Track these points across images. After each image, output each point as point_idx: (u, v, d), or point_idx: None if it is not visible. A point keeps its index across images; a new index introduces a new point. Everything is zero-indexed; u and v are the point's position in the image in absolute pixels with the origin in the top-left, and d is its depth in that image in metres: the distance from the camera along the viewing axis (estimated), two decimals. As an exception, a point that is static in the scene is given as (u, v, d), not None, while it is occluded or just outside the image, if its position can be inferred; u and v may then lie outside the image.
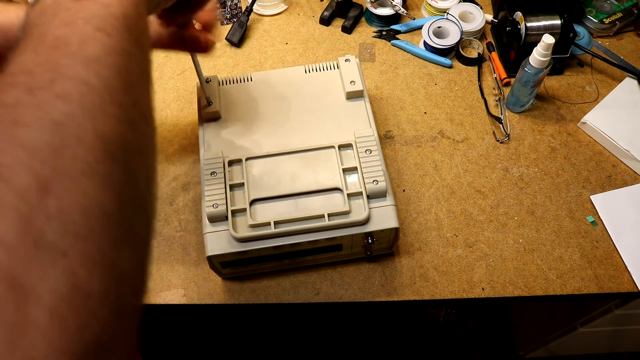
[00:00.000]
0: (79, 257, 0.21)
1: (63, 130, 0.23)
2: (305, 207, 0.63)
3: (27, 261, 0.20)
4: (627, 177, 0.79)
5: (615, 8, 0.93)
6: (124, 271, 0.24)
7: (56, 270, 0.20)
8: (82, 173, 0.23)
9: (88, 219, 0.22)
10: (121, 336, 0.23)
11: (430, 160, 0.81)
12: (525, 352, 1.38)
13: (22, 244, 0.20)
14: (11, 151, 0.22)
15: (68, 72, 0.25)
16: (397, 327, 1.49)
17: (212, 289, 0.71)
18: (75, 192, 0.22)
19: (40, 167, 0.22)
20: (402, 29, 0.95)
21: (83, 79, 0.25)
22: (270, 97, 0.73)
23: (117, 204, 0.24)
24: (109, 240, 0.23)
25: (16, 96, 0.24)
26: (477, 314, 1.51)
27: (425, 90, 0.88)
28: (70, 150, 0.23)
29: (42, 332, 0.19)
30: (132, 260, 0.25)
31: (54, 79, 0.25)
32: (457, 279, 0.71)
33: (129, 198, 0.25)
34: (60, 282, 0.20)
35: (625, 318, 0.97)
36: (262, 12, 0.98)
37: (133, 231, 0.25)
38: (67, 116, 0.24)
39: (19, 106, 0.23)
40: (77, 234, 0.22)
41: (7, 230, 0.20)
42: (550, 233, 0.75)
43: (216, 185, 0.63)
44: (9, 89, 0.24)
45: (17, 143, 0.22)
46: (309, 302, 0.70)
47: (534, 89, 0.80)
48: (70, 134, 0.23)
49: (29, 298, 0.19)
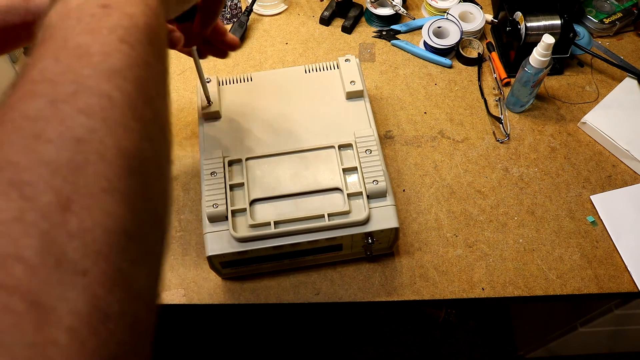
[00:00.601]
0: (98, 276, 0.21)
1: (85, 146, 0.23)
2: (305, 207, 0.63)
3: (48, 281, 0.20)
4: (627, 177, 0.79)
5: (615, 8, 0.93)
6: (141, 289, 0.24)
7: (76, 290, 0.20)
8: (103, 190, 0.23)
9: (108, 237, 0.22)
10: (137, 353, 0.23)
11: (430, 160, 0.81)
12: (525, 352, 1.38)
13: (44, 263, 0.20)
14: (34, 168, 0.22)
15: (91, 85, 0.25)
16: (397, 327, 1.49)
17: (212, 289, 0.71)
18: (95, 210, 0.22)
19: (62, 184, 0.22)
20: (402, 29, 0.95)
21: (105, 92, 0.25)
22: (270, 97, 0.73)
23: (136, 222, 0.24)
24: (127, 259, 0.23)
25: (38, 108, 0.24)
26: (477, 314, 1.51)
27: (425, 90, 0.88)
28: (91, 167, 0.23)
29: (61, 352, 0.19)
30: (148, 277, 0.25)
31: (76, 92, 0.24)
32: (457, 279, 0.71)
33: (147, 215, 0.26)
34: (80, 302, 0.20)
35: (625, 318, 0.97)
36: (262, 12, 0.98)
37: (149, 248, 0.25)
38: (89, 132, 0.24)
39: (41, 119, 0.23)
40: (97, 253, 0.22)
41: (29, 248, 0.20)
42: (550, 233, 0.75)
43: (216, 185, 0.63)
44: (30, 100, 0.24)
45: (40, 160, 0.22)
46: (309, 302, 0.70)
47: (534, 89, 0.80)
48: (92, 151, 0.23)
49: (50, 318, 0.19)
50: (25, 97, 0.24)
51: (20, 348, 0.18)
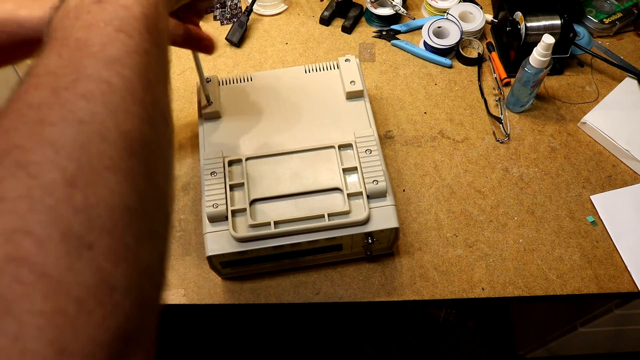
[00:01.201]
0: (104, 250, 0.22)
1: (87, 127, 0.24)
2: (305, 207, 0.63)
3: (55, 253, 0.20)
4: (627, 177, 0.79)
5: (615, 8, 0.93)
6: (146, 265, 0.24)
7: (82, 262, 0.21)
8: (106, 168, 0.24)
9: (112, 213, 0.23)
10: (143, 328, 0.24)
11: (430, 160, 0.81)
12: (525, 352, 1.38)
13: (51, 237, 0.21)
14: (39, 149, 0.22)
15: (90, 73, 0.26)
16: (397, 327, 1.49)
17: (212, 289, 0.71)
18: (100, 186, 0.23)
19: (66, 163, 0.23)
20: (402, 29, 0.95)
21: (105, 79, 0.26)
22: (270, 97, 0.73)
23: (139, 200, 0.25)
24: (132, 235, 0.24)
25: (41, 96, 0.24)
26: (477, 314, 1.51)
27: (425, 90, 0.88)
28: (94, 146, 0.24)
29: (69, 321, 0.20)
30: (153, 254, 0.26)
31: (77, 80, 0.25)
32: (457, 279, 0.71)
33: (150, 194, 0.26)
34: (87, 274, 0.21)
35: (625, 318, 0.97)
36: (262, 12, 0.98)
37: (154, 227, 0.26)
38: (91, 115, 0.25)
39: (44, 106, 0.24)
40: (102, 228, 0.22)
41: (36, 223, 0.21)
42: (550, 233, 0.75)
43: (216, 185, 0.63)
44: (33, 90, 0.25)
45: (44, 141, 0.23)
46: (309, 302, 0.70)
47: (534, 89, 0.80)
48: (94, 132, 0.24)
49: (58, 288, 0.20)
50: (30, 89, 0.25)
51: (30, 316, 0.19)
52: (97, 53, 0.27)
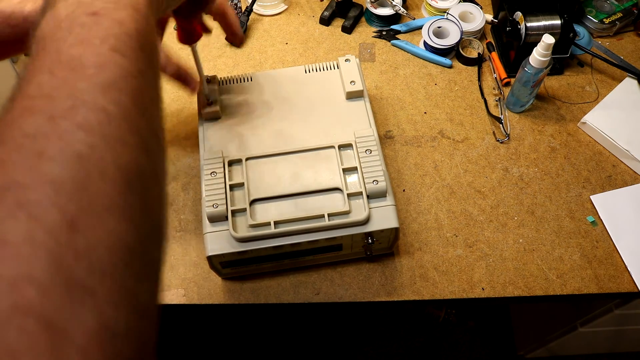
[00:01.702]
0: (105, 294, 0.22)
1: (86, 163, 0.24)
2: (306, 207, 0.63)
3: (59, 302, 0.20)
4: (627, 177, 0.79)
5: (615, 8, 0.93)
6: (145, 304, 0.24)
7: (85, 309, 0.21)
8: (105, 208, 0.23)
9: (112, 255, 0.23)
10: None
11: (430, 160, 0.81)
12: (525, 352, 1.38)
13: (55, 284, 0.20)
14: (39, 187, 0.22)
15: (87, 99, 0.25)
16: (397, 327, 1.49)
17: (212, 289, 0.71)
18: (99, 228, 0.23)
19: (66, 203, 0.22)
20: (402, 29, 0.95)
21: (102, 106, 0.25)
22: (270, 97, 0.73)
23: (137, 236, 0.25)
24: (131, 275, 0.24)
25: (37, 124, 0.24)
26: (477, 314, 1.51)
27: (425, 90, 0.88)
28: (93, 184, 0.23)
29: None
30: (150, 291, 0.25)
31: (73, 107, 0.25)
32: (457, 279, 0.71)
33: (147, 228, 0.26)
34: (90, 321, 0.21)
35: (625, 318, 0.97)
36: (262, 12, 0.98)
37: (151, 262, 0.26)
38: (90, 148, 0.24)
39: (42, 136, 0.23)
40: (103, 272, 0.22)
41: (40, 269, 0.20)
42: (550, 233, 0.75)
43: (216, 185, 0.63)
44: (28, 116, 0.24)
45: (44, 178, 0.22)
46: (309, 302, 0.70)
47: (534, 89, 0.80)
48: (93, 168, 0.24)
49: (63, 339, 0.20)
50: (24, 114, 0.24)
51: None
52: (92, 76, 0.26)
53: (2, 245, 0.20)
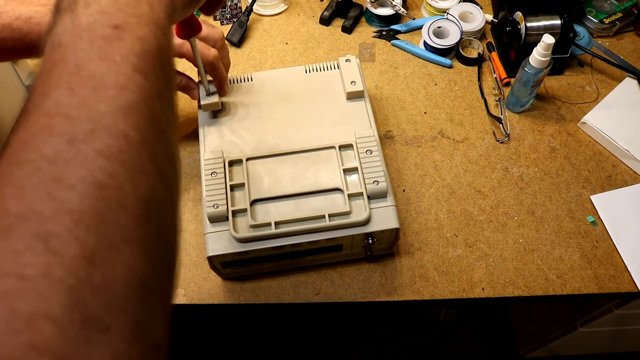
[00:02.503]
0: (120, 330, 0.22)
1: (106, 193, 0.23)
2: (306, 207, 0.63)
3: (75, 339, 0.20)
4: (627, 177, 0.79)
5: (615, 8, 0.93)
6: (157, 339, 0.24)
7: (100, 347, 0.21)
8: (123, 241, 0.23)
9: (128, 291, 0.23)
10: None
11: (430, 160, 0.81)
12: (525, 352, 1.38)
13: (71, 321, 0.20)
14: (57, 217, 0.22)
15: (108, 124, 0.25)
16: (397, 327, 1.49)
17: (212, 289, 0.71)
18: (117, 262, 0.23)
19: (85, 235, 0.22)
20: (402, 29, 0.95)
21: (123, 132, 0.25)
22: (270, 97, 0.73)
23: (152, 270, 0.24)
24: (145, 310, 0.23)
25: (57, 148, 0.23)
26: (477, 314, 1.51)
27: (425, 90, 0.88)
28: (112, 216, 0.23)
29: None
30: (162, 324, 0.25)
31: (94, 131, 0.24)
32: (457, 279, 0.71)
33: (161, 261, 0.26)
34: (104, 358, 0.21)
35: (625, 318, 0.97)
36: (262, 12, 0.98)
37: (163, 293, 0.26)
38: (110, 177, 0.24)
39: (61, 161, 0.23)
40: (119, 307, 0.22)
41: (57, 306, 0.20)
42: (550, 233, 0.75)
43: (217, 186, 0.63)
44: (47, 137, 0.24)
45: (63, 208, 0.22)
46: (309, 302, 0.70)
47: (534, 89, 0.80)
48: (112, 198, 0.23)
49: None
50: (42, 133, 0.24)
51: None
52: (114, 98, 0.25)
53: (20, 279, 0.20)
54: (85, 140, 0.24)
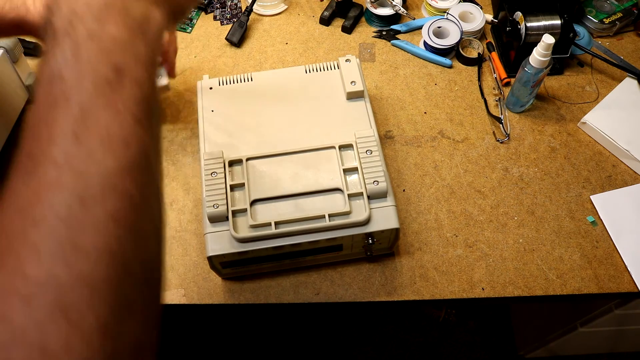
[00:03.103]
0: None
1: (116, 261, 0.24)
2: (306, 207, 0.63)
3: None
4: (627, 177, 0.79)
5: (615, 8, 0.93)
6: None
7: None
8: (128, 309, 0.24)
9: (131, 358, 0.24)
10: None
11: (430, 160, 0.81)
12: (525, 352, 1.38)
13: None
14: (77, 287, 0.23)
15: (116, 184, 0.25)
16: (397, 327, 1.49)
17: (212, 289, 0.71)
18: (125, 332, 0.24)
19: (100, 306, 0.23)
20: (402, 29, 0.95)
21: (128, 192, 0.25)
22: (270, 97, 0.73)
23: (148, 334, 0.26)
24: None
25: (69, 206, 0.24)
26: (477, 314, 1.51)
27: (425, 90, 0.88)
28: (121, 283, 0.24)
29: None
30: None
31: (104, 190, 0.25)
32: (457, 279, 0.71)
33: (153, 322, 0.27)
34: None
35: (625, 318, 0.97)
36: (262, 12, 0.98)
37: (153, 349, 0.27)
38: (118, 243, 0.24)
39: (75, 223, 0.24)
40: None
41: None
42: (550, 233, 0.75)
43: (217, 186, 0.63)
44: (58, 192, 0.24)
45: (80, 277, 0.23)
46: (309, 302, 0.70)
47: (534, 89, 0.80)
48: (121, 265, 0.24)
49: None
50: (53, 188, 0.24)
51: None
52: (120, 155, 0.25)
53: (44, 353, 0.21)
54: (96, 201, 0.24)
